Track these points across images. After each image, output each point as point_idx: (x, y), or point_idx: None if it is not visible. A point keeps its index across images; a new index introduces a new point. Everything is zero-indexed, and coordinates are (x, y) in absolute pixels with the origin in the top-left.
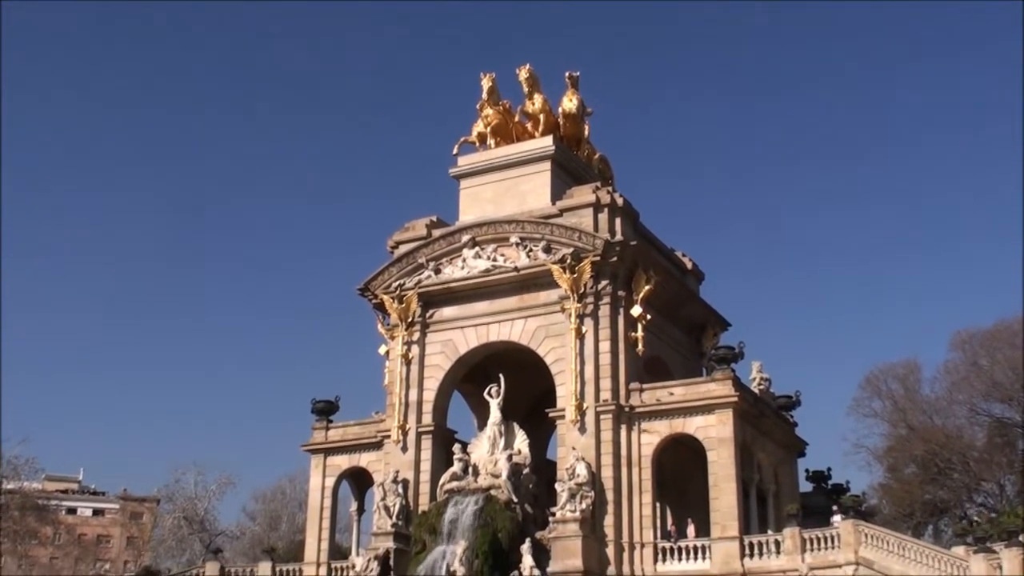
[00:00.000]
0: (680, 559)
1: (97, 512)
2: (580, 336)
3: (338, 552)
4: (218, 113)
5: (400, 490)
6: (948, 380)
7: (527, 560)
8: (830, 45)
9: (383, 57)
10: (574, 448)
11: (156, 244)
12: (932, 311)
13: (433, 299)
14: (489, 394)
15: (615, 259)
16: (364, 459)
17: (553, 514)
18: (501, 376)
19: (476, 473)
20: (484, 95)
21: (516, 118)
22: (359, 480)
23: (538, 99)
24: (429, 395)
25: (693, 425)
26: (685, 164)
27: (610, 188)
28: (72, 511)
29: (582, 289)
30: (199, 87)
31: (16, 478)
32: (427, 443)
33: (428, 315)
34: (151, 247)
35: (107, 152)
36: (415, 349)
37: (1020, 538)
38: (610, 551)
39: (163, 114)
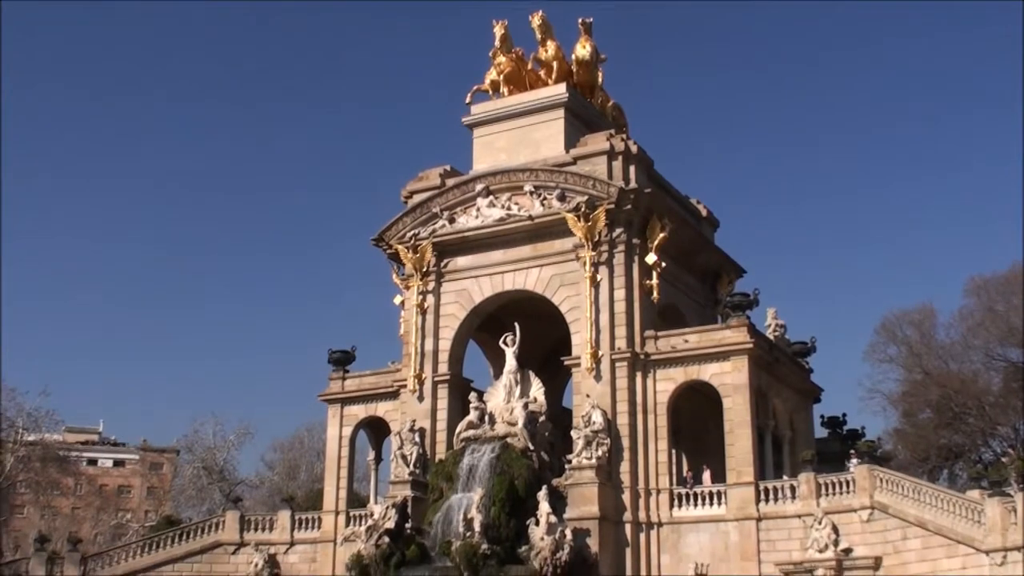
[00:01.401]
0: (696, 505)
1: (118, 463)
2: (595, 284)
3: (356, 500)
4: (233, 67)
5: (417, 439)
6: (964, 325)
7: (544, 507)
8: None
9: (396, 5)
10: (589, 396)
11: (173, 200)
12: (947, 256)
13: (448, 248)
14: (504, 343)
15: (629, 207)
16: (381, 408)
17: (569, 461)
18: (516, 325)
19: (492, 421)
20: (497, 43)
21: (529, 66)
22: (376, 429)
23: (551, 46)
24: (445, 344)
25: (708, 372)
26: (700, 111)
27: (624, 135)
28: (93, 462)
29: (597, 237)
30: (209, 46)
31: (37, 430)
32: (443, 392)
33: (443, 265)
34: (168, 202)
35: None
36: (430, 299)
37: None
38: (626, 497)
39: (176, 75)
